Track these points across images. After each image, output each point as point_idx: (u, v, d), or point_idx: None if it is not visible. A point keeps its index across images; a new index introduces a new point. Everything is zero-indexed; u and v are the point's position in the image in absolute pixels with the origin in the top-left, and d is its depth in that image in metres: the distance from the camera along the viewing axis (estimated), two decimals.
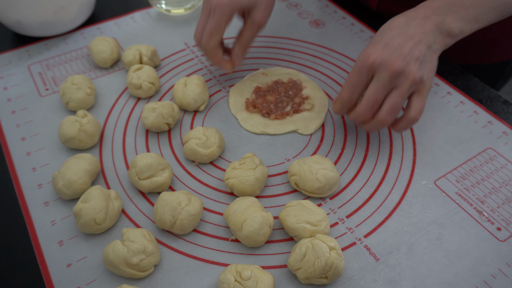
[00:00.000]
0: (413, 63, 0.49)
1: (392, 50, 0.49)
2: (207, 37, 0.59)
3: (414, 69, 0.49)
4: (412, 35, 0.51)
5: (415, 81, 0.49)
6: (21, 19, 0.71)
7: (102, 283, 0.47)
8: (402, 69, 0.49)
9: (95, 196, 0.49)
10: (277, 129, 0.61)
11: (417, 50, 0.50)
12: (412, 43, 0.50)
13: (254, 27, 0.60)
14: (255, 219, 0.47)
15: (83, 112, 0.59)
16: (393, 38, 0.51)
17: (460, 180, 0.56)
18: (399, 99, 0.50)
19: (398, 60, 0.49)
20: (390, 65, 0.49)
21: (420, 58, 0.50)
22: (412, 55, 0.50)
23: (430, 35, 0.51)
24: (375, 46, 0.50)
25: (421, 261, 0.48)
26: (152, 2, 0.81)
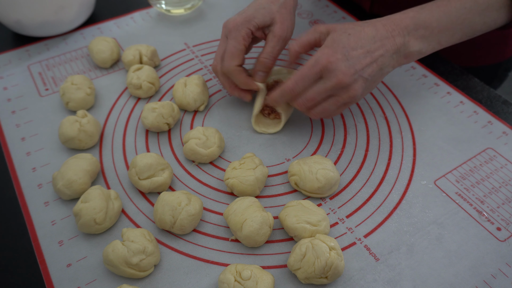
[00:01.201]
0: (360, 81, 0.51)
1: (348, 63, 0.50)
2: (228, 60, 0.57)
3: (358, 88, 0.51)
4: (373, 52, 0.52)
5: (353, 97, 0.52)
6: (21, 19, 0.71)
7: (102, 283, 0.47)
8: (348, 84, 0.50)
9: (95, 196, 0.49)
10: (277, 128, 0.61)
11: (369, 69, 0.51)
12: (368, 61, 0.51)
13: (274, 39, 0.58)
14: (255, 219, 0.47)
15: (83, 112, 0.59)
16: (354, 49, 0.51)
17: (460, 180, 0.56)
18: (333, 107, 0.53)
19: (348, 75, 0.50)
20: (339, 76, 0.50)
21: (369, 77, 0.52)
22: (362, 73, 0.51)
23: (387, 58, 0.52)
24: (336, 51, 0.51)
25: (421, 261, 0.48)
26: (152, 2, 0.81)
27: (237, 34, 0.57)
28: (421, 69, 0.70)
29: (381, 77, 0.54)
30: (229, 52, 0.57)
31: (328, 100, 0.53)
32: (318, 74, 0.51)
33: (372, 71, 0.52)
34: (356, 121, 0.63)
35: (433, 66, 0.71)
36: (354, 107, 0.65)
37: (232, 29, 0.57)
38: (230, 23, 0.58)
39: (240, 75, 0.58)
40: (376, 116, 0.63)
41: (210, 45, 0.76)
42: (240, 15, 0.59)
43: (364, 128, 0.62)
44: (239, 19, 0.58)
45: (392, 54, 0.53)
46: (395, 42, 0.52)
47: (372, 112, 0.64)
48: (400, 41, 0.53)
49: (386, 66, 0.53)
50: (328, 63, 0.50)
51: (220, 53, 0.60)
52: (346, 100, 0.52)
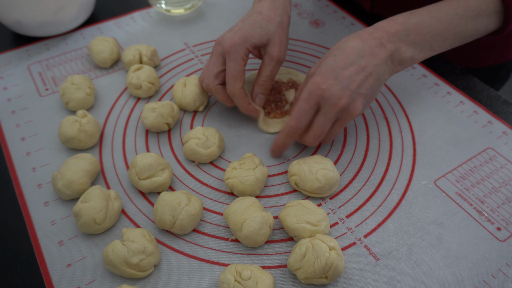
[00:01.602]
0: (359, 99, 0.51)
1: (341, 85, 0.50)
2: (231, 83, 0.56)
3: (357, 106, 0.51)
4: (365, 67, 0.51)
5: (356, 115, 0.52)
6: (21, 19, 0.71)
7: (102, 283, 0.47)
8: (347, 105, 0.50)
9: (95, 196, 0.49)
10: (276, 128, 0.61)
11: (366, 84, 0.51)
12: (363, 76, 0.50)
13: (272, 62, 0.58)
14: (255, 219, 0.47)
15: (83, 112, 0.59)
16: (344, 69, 0.50)
17: (460, 180, 0.56)
18: (340, 129, 0.54)
19: (345, 97, 0.50)
20: (337, 101, 0.50)
21: (367, 93, 0.51)
22: (359, 91, 0.50)
23: (382, 67, 0.52)
24: (326, 77, 0.50)
25: (421, 261, 0.48)
26: (152, 2, 0.81)
27: (237, 56, 0.56)
28: (421, 69, 0.70)
29: (379, 87, 0.53)
30: (231, 75, 0.56)
31: (334, 126, 0.53)
32: (315, 105, 0.51)
33: (369, 85, 0.51)
34: (356, 121, 0.63)
35: (433, 66, 0.71)
36: None
37: (231, 50, 0.56)
38: (227, 43, 0.56)
39: (244, 99, 0.58)
40: (376, 116, 0.63)
41: (210, 45, 0.76)
42: (236, 32, 0.56)
43: (364, 128, 0.62)
44: (236, 38, 0.56)
45: (386, 61, 0.52)
46: (386, 49, 0.52)
47: (372, 112, 0.64)
48: (391, 47, 0.52)
49: (382, 74, 0.52)
50: (322, 92, 0.50)
51: (209, 70, 0.58)
52: (349, 119, 0.52)
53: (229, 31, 0.58)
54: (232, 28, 0.59)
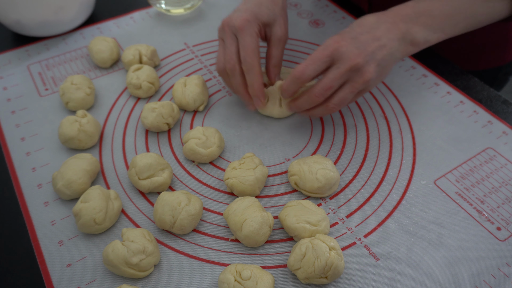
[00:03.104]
0: (372, 63, 0.50)
1: (357, 45, 0.50)
2: (250, 55, 0.54)
3: (371, 70, 0.50)
4: (379, 37, 0.51)
5: (367, 81, 0.51)
6: (21, 19, 0.71)
7: (102, 283, 0.47)
8: (361, 65, 0.50)
9: (94, 196, 0.49)
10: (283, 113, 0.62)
11: (380, 53, 0.51)
12: (377, 45, 0.51)
13: (280, 43, 0.59)
14: (255, 219, 0.47)
15: (82, 112, 0.59)
16: (361, 34, 0.51)
17: (460, 180, 0.56)
18: (350, 94, 0.52)
19: (360, 56, 0.50)
20: (352, 58, 0.49)
21: (380, 62, 0.51)
22: (373, 56, 0.50)
23: (395, 42, 0.52)
24: (343, 36, 0.51)
25: (421, 261, 0.48)
26: (151, 2, 0.81)
27: (251, 31, 0.55)
28: (421, 69, 0.70)
29: (391, 64, 0.53)
30: (249, 49, 0.54)
31: (344, 89, 0.52)
32: (329, 57, 0.51)
33: (383, 56, 0.51)
34: (356, 121, 0.63)
35: (433, 66, 0.71)
36: (354, 107, 0.65)
37: (244, 26, 0.55)
38: (237, 21, 0.55)
39: (260, 76, 0.56)
40: (376, 116, 0.63)
41: (210, 45, 0.76)
42: (244, 11, 0.56)
43: (364, 128, 0.62)
44: (246, 15, 0.55)
45: (399, 39, 0.52)
46: (399, 27, 0.52)
47: (372, 112, 0.64)
48: (403, 27, 0.53)
49: (395, 51, 0.52)
50: (339, 46, 0.50)
51: (231, 52, 0.56)
52: (361, 85, 0.51)
53: (235, 12, 0.57)
54: (237, 9, 0.58)
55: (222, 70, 0.59)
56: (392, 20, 0.53)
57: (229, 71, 0.57)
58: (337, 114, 0.64)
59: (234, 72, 0.56)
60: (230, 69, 0.56)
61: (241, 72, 0.57)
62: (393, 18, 0.53)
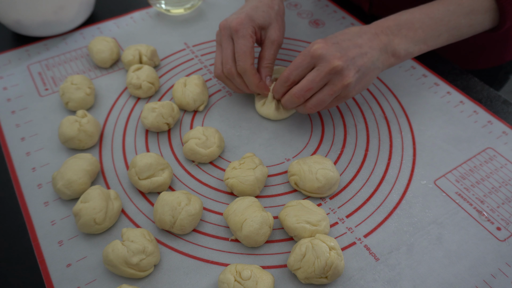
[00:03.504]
0: (352, 68, 0.51)
1: (338, 49, 0.51)
2: (243, 58, 0.56)
3: (350, 75, 0.51)
4: (361, 45, 0.52)
5: (346, 85, 0.51)
6: (21, 19, 0.71)
7: (102, 283, 0.47)
8: (341, 68, 0.50)
9: (94, 196, 0.49)
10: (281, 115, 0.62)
11: (361, 60, 0.52)
12: (358, 52, 0.52)
13: (273, 45, 0.59)
14: (255, 219, 0.47)
15: (82, 112, 0.59)
16: (343, 41, 0.52)
17: (460, 180, 0.56)
18: (328, 97, 0.52)
19: (341, 59, 0.50)
20: (332, 60, 0.50)
21: (361, 68, 0.52)
22: (354, 62, 0.51)
23: (376, 51, 0.53)
24: (325, 40, 0.52)
25: (421, 261, 0.48)
26: (151, 2, 0.81)
27: (245, 32, 0.56)
28: (421, 69, 0.70)
29: (372, 73, 0.54)
30: (241, 51, 0.56)
31: (323, 90, 0.53)
32: (311, 62, 0.52)
33: (364, 63, 0.52)
34: (356, 121, 0.63)
35: (433, 66, 0.71)
36: (354, 106, 0.65)
37: (239, 28, 0.56)
38: (233, 23, 0.57)
39: (256, 75, 0.58)
40: (376, 116, 0.63)
41: (210, 45, 0.76)
42: (240, 14, 0.58)
43: (364, 128, 0.62)
44: (242, 16, 0.57)
45: (380, 49, 0.53)
46: (380, 39, 0.54)
47: (372, 112, 0.64)
48: (384, 39, 0.54)
49: (376, 60, 0.53)
50: (319, 49, 0.51)
51: (227, 56, 0.58)
52: (339, 88, 0.51)
53: (231, 15, 0.59)
54: (234, 13, 0.59)
55: (220, 75, 0.60)
56: (374, 32, 0.54)
57: (227, 75, 0.59)
58: (337, 114, 0.64)
59: (232, 75, 0.58)
60: (228, 72, 0.58)
61: (239, 74, 0.58)
62: (375, 29, 0.54)
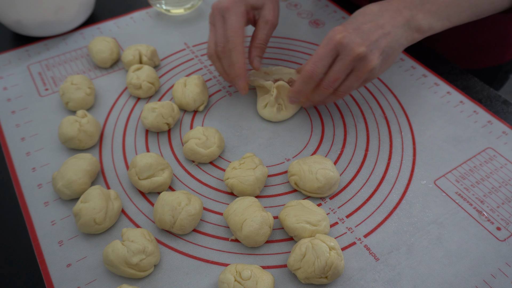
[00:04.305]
0: (376, 52, 0.51)
1: (360, 34, 0.50)
2: (233, 35, 0.55)
3: (374, 59, 0.50)
4: (383, 25, 0.51)
5: (372, 69, 0.51)
6: (21, 19, 0.71)
7: (102, 283, 0.47)
8: (365, 54, 0.50)
9: (94, 196, 0.49)
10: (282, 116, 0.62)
11: (384, 41, 0.51)
12: (381, 33, 0.51)
13: (267, 26, 0.59)
14: (255, 219, 0.47)
15: (82, 112, 0.59)
16: (364, 24, 0.51)
17: (460, 180, 0.56)
18: (355, 83, 0.53)
19: (364, 45, 0.50)
20: (354, 48, 0.50)
21: (385, 49, 0.51)
22: (377, 44, 0.51)
23: (399, 29, 0.52)
24: (345, 27, 0.51)
25: (421, 261, 0.48)
26: (151, 2, 0.81)
27: (237, 11, 0.56)
28: (421, 69, 0.70)
29: (397, 51, 0.53)
30: (233, 28, 0.55)
31: (350, 77, 0.52)
32: (333, 50, 0.51)
33: (387, 43, 0.51)
34: (356, 121, 0.63)
35: (433, 66, 0.71)
36: (354, 106, 0.65)
37: (231, 6, 0.56)
38: (225, 2, 0.56)
39: (241, 55, 0.56)
40: (376, 116, 0.63)
41: None
42: None
43: (364, 128, 0.62)
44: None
45: (403, 25, 0.52)
46: (403, 14, 0.53)
47: (372, 112, 0.64)
48: (407, 13, 0.53)
49: (399, 38, 0.52)
50: (342, 38, 0.50)
51: (220, 34, 0.57)
52: (365, 74, 0.51)
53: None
54: None
55: (213, 55, 0.59)
56: (396, 8, 0.53)
57: (220, 53, 0.58)
58: (337, 114, 0.64)
59: (224, 54, 0.57)
60: (221, 51, 0.57)
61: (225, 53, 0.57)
62: (397, 5, 0.53)
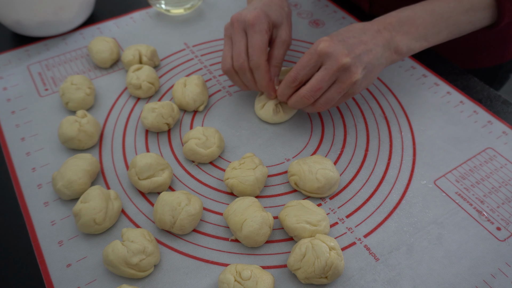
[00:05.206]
0: (359, 65, 0.51)
1: (345, 46, 0.51)
2: (257, 54, 0.55)
3: (358, 71, 0.51)
4: (366, 42, 0.53)
5: (354, 82, 0.51)
6: (21, 19, 0.71)
7: (102, 283, 0.47)
8: (349, 65, 0.50)
9: (94, 196, 0.49)
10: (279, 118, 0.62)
11: (366, 57, 0.52)
12: (364, 48, 0.52)
13: (284, 45, 0.59)
14: (255, 219, 0.47)
15: (82, 112, 0.59)
16: (348, 38, 0.52)
17: (460, 180, 0.56)
18: (337, 95, 0.53)
19: (348, 56, 0.50)
20: (340, 58, 0.50)
21: (367, 65, 0.52)
22: (360, 58, 0.51)
23: (380, 48, 0.53)
24: (331, 38, 0.52)
25: (421, 261, 0.48)
26: (151, 2, 0.81)
27: (262, 27, 0.55)
28: (421, 69, 0.70)
29: (377, 69, 0.54)
30: (256, 46, 0.55)
31: (331, 89, 0.53)
32: (317, 61, 0.52)
33: (369, 59, 0.52)
34: (356, 121, 0.63)
35: (433, 66, 0.71)
36: (354, 106, 0.65)
37: (255, 22, 0.55)
38: (248, 16, 0.55)
39: (268, 73, 0.57)
40: (376, 116, 0.63)
41: (210, 45, 0.76)
42: (255, 9, 0.56)
43: (364, 128, 0.62)
44: (258, 11, 0.56)
45: (383, 46, 0.54)
46: (383, 35, 0.54)
47: (372, 112, 0.64)
48: (387, 35, 0.54)
49: (380, 57, 0.53)
50: (326, 48, 0.51)
51: (240, 49, 0.56)
52: (348, 86, 0.52)
53: (244, 10, 0.58)
54: (245, 8, 0.58)
55: (229, 70, 0.59)
56: (377, 28, 0.54)
57: (237, 69, 0.58)
58: (337, 114, 0.64)
59: (243, 70, 0.57)
60: (239, 67, 0.57)
61: (250, 69, 0.57)
62: (378, 26, 0.55)
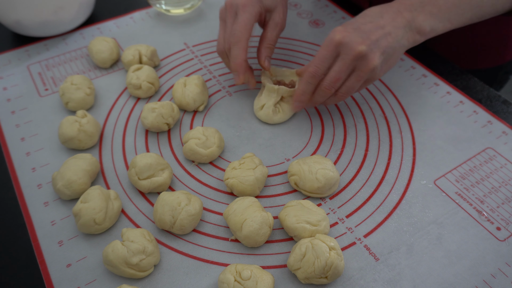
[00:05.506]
0: (377, 51, 0.51)
1: (360, 34, 0.51)
2: (239, 29, 0.56)
3: (375, 58, 0.50)
4: (383, 26, 0.52)
5: (373, 69, 0.51)
6: (21, 19, 0.71)
7: (102, 283, 0.47)
8: (365, 53, 0.50)
9: (94, 196, 0.49)
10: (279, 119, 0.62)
11: (385, 41, 0.51)
12: (381, 33, 0.51)
13: (276, 28, 0.60)
14: (255, 219, 0.47)
15: (82, 112, 0.59)
16: (364, 24, 0.52)
17: (460, 180, 0.56)
18: (357, 83, 0.53)
19: (364, 44, 0.50)
20: (354, 47, 0.50)
21: (386, 49, 0.51)
22: (378, 44, 0.51)
23: (400, 30, 0.52)
24: (345, 27, 0.52)
25: (421, 261, 0.48)
26: (151, 2, 0.81)
27: (251, 9, 0.56)
28: (421, 69, 0.70)
29: (398, 52, 0.53)
30: (242, 23, 0.56)
31: (350, 78, 0.52)
32: (334, 51, 0.51)
33: (388, 43, 0.51)
34: (356, 121, 0.63)
35: (433, 66, 0.71)
36: (354, 106, 0.65)
37: (246, 4, 0.56)
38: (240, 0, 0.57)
39: (244, 52, 0.57)
40: (375, 116, 0.63)
41: (210, 45, 0.76)
42: None
43: (364, 128, 0.62)
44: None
45: (404, 27, 0.52)
46: (403, 16, 0.53)
47: (372, 112, 0.64)
48: (408, 15, 0.53)
49: (401, 38, 0.52)
50: (342, 38, 0.50)
51: (229, 30, 0.57)
52: (366, 73, 0.51)
53: None
54: None
55: (222, 51, 0.60)
56: (397, 9, 0.53)
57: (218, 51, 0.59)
58: (337, 114, 0.64)
59: (222, 53, 0.59)
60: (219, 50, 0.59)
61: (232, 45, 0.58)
62: (397, 7, 0.53)
